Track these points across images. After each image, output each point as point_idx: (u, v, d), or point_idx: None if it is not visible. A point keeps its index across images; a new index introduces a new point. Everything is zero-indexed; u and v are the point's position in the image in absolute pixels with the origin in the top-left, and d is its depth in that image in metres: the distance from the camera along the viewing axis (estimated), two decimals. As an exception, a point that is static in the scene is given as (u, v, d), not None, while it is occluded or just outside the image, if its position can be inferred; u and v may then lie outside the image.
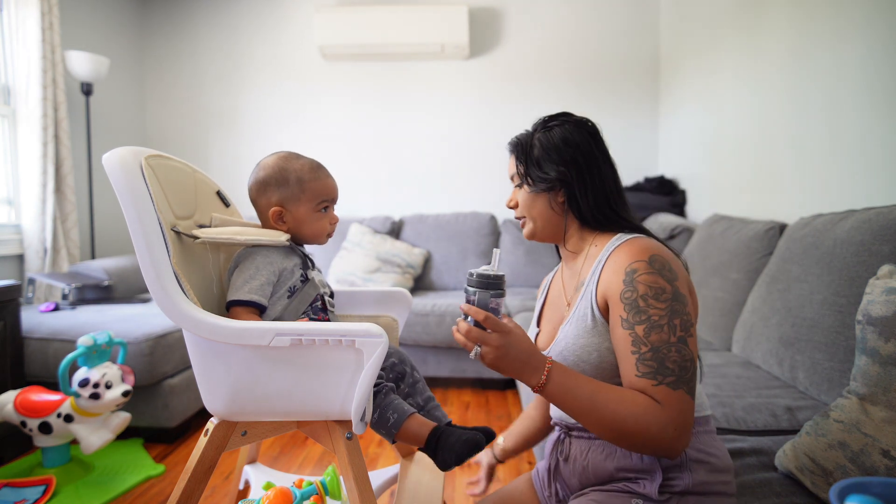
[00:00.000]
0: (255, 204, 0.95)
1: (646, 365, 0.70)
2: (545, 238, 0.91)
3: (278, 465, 1.79)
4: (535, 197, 0.88)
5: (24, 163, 2.42)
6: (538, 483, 0.97)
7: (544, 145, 0.86)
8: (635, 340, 0.71)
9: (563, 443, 0.89)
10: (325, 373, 0.79)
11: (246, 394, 0.80)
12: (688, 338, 0.71)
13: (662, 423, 0.68)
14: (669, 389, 0.69)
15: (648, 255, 0.74)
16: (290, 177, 0.92)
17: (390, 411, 0.86)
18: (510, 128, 3.23)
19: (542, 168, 0.85)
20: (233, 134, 3.38)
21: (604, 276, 0.78)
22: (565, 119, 0.88)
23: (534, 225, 0.89)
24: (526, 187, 0.88)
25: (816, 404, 1.19)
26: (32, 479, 1.55)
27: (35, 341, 1.87)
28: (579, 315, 0.81)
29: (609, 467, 0.79)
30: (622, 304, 0.73)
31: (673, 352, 0.70)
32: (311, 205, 0.93)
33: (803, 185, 1.82)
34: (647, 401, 0.69)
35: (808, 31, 1.77)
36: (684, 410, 0.69)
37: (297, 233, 0.94)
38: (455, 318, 2.39)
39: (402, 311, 1.11)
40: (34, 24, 2.37)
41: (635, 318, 0.72)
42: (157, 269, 0.74)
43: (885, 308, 0.82)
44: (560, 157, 0.85)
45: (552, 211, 0.87)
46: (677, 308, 0.71)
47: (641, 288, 0.72)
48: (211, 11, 3.33)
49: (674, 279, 0.73)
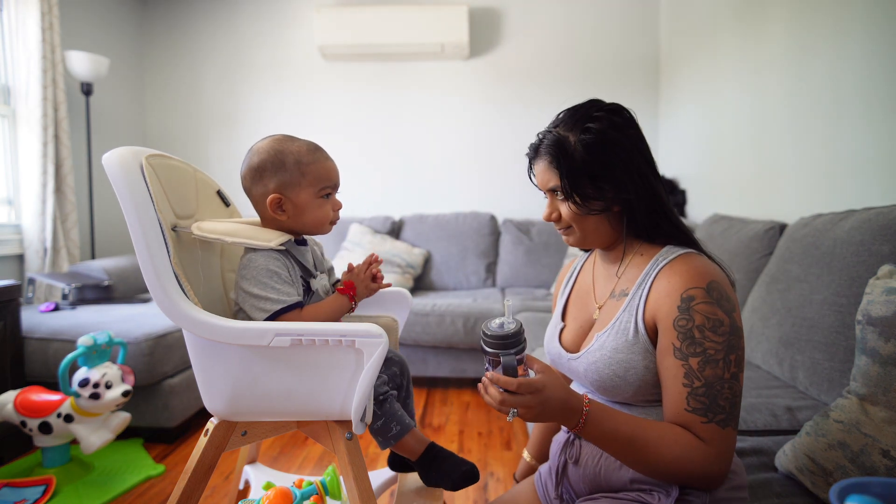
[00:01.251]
0: (249, 194, 0.87)
1: (698, 401, 0.68)
2: (592, 245, 0.85)
3: (278, 465, 1.79)
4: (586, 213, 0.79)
5: (24, 163, 2.42)
6: (540, 486, 0.94)
7: (592, 155, 0.75)
8: (688, 373, 0.68)
9: (572, 445, 0.85)
10: (325, 373, 0.78)
11: (246, 394, 0.80)
12: (740, 374, 0.69)
13: (707, 462, 0.67)
14: (718, 428, 0.67)
15: (707, 281, 0.70)
16: (288, 160, 0.83)
17: (394, 422, 0.87)
18: (510, 127, 3.26)
19: (596, 184, 0.76)
20: (233, 134, 3.38)
21: (654, 295, 0.73)
22: (599, 112, 0.77)
23: (583, 236, 0.82)
24: (573, 205, 0.78)
25: (816, 404, 1.19)
26: (32, 479, 1.55)
27: (35, 341, 1.87)
28: (620, 327, 0.76)
29: (624, 477, 0.76)
30: (675, 332, 0.69)
31: (726, 389, 0.67)
32: (313, 190, 0.84)
33: (803, 185, 1.82)
34: (689, 440, 0.67)
35: (808, 30, 1.77)
36: (729, 447, 0.68)
37: (298, 222, 0.86)
38: (454, 318, 2.39)
39: (402, 311, 1.11)
40: (34, 24, 2.37)
41: (690, 350, 0.68)
42: (156, 268, 0.74)
43: (885, 308, 0.81)
44: (614, 172, 0.75)
45: (608, 225, 0.80)
46: (734, 343, 0.68)
47: (698, 318, 0.68)
48: (211, 12, 3.33)
49: (732, 310, 0.69)
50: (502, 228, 3.10)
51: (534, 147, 0.83)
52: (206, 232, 0.82)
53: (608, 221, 0.80)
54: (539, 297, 2.61)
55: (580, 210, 0.78)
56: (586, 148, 0.76)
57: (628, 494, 0.75)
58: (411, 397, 1.02)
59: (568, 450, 0.86)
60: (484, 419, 2.17)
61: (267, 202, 0.84)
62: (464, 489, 1.62)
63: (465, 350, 2.46)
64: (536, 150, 0.83)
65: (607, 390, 0.78)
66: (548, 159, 0.79)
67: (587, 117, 0.77)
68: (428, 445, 0.90)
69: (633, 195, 0.76)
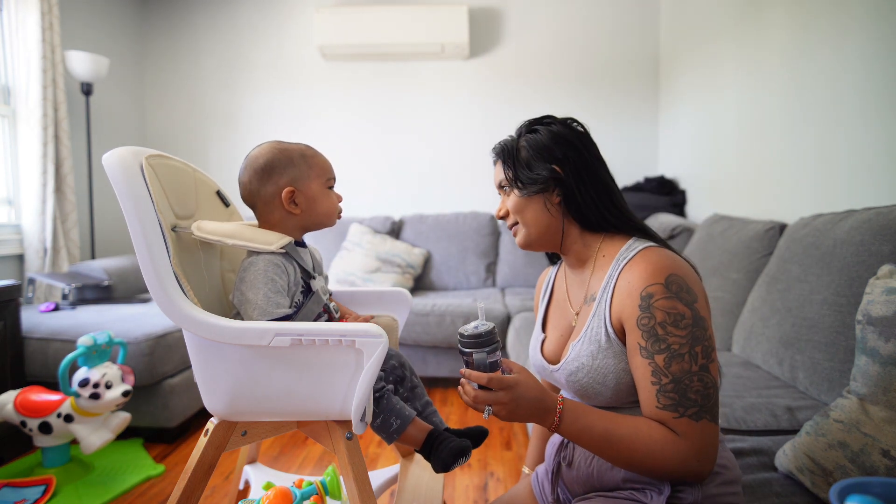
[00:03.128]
0: (255, 197, 0.89)
1: (667, 397, 0.68)
2: (542, 245, 0.86)
3: (278, 465, 1.79)
4: (526, 201, 0.82)
5: (24, 163, 2.42)
6: (537, 487, 0.94)
7: (532, 145, 0.82)
8: (655, 371, 0.69)
9: (566, 447, 0.86)
10: (325, 373, 0.78)
11: (246, 394, 0.80)
12: (709, 364, 0.69)
13: (682, 456, 0.67)
14: (692, 421, 0.67)
15: (665, 276, 0.70)
16: (294, 155, 0.89)
17: (393, 417, 0.86)
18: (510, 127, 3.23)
19: (533, 168, 0.81)
20: (233, 134, 3.38)
21: (617, 297, 0.74)
22: (550, 120, 0.84)
23: (527, 231, 0.84)
24: (516, 192, 0.83)
25: (816, 404, 1.19)
26: (32, 479, 1.55)
27: (35, 341, 1.87)
28: (592, 334, 0.77)
29: (616, 477, 0.77)
30: (640, 331, 0.70)
31: (695, 381, 0.68)
32: (321, 180, 0.90)
33: (803, 185, 1.82)
34: (664, 434, 0.68)
35: (808, 30, 1.77)
36: (707, 439, 0.68)
37: (311, 214, 0.89)
38: (454, 318, 2.39)
39: (402, 311, 1.11)
40: (34, 24, 2.37)
41: (654, 347, 0.69)
42: (157, 269, 0.74)
43: (885, 308, 0.82)
44: (551, 154, 0.80)
45: (548, 214, 0.82)
46: (698, 334, 0.68)
47: (659, 315, 0.69)
48: (211, 11, 3.33)
49: (693, 301, 0.69)
50: (502, 228, 3.10)
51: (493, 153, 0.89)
52: (206, 233, 0.82)
53: (548, 211, 0.82)
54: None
55: (519, 192, 0.82)
56: (529, 143, 0.82)
57: (622, 493, 0.76)
58: (419, 385, 1.00)
59: (561, 452, 0.87)
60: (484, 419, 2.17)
61: (282, 196, 0.87)
62: (464, 489, 1.62)
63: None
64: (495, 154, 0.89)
65: (590, 397, 0.79)
66: (499, 159, 0.86)
67: (538, 123, 0.84)
68: (428, 433, 0.89)
69: (572, 177, 0.79)
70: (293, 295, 0.86)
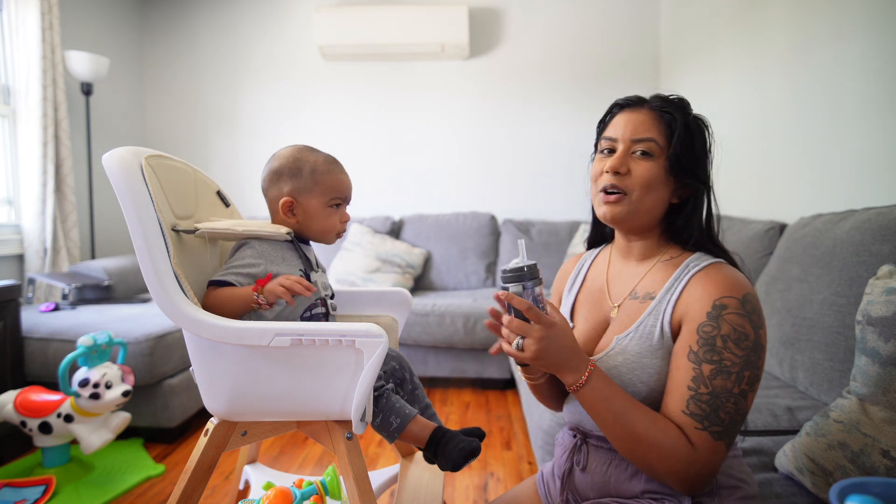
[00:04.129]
0: (266, 197, 0.93)
1: (698, 406, 0.66)
2: (629, 228, 0.78)
3: (278, 465, 1.79)
4: (661, 182, 0.74)
5: (24, 163, 2.42)
6: (542, 487, 0.92)
7: (699, 134, 0.75)
8: (697, 378, 0.67)
9: (579, 450, 0.83)
10: (325, 373, 0.78)
11: (246, 394, 0.80)
12: (750, 392, 0.67)
13: (685, 464, 0.66)
14: (711, 438, 0.66)
15: (742, 293, 0.68)
16: (304, 167, 0.89)
17: (393, 416, 0.86)
18: (510, 127, 3.26)
19: (695, 162, 0.74)
20: (233, 134, 3.38)
21: (685, 299, 0.71)
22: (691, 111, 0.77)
23: (634, 209, 0.75)
24: (663, 164, 0.73)
25: (816, 404, 1.19)
26: (32, 479, 1.55)
27: (35, 341, 1.87)
28: (644, 331, 0.74)
29: (635, 488, 0.75)
30: (697, 336, 0.68)
31: (730, 403, 0.66)
32: (324, 199, 0.90)
33: (803, 185, 1.82)
34: (678, 436, 0.66)
35: (808, 30, 1.77)
36: (715, 460, 0.66)
37: (306, 228, 0.91)
38: (454, 318, 2.39)
39: (402, 311, 1.11)
40: (34, 24, 2.37)
41: (706, 356, 0.67)
42: (156, 268, 0.74)
43: (885, 308, 0.82)
44: (705, 161, 0.75)
45: (661, 206, 0.76)
46: (752, 360, 0.67)
47: (725, 328, 0.66)
48: (211, 11, 3.33)
49: (759, 327, 0.68)
50: (502, 228, 3.10)
51: (637, 97, 0.79)
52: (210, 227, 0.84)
53: (661, 207, 0.76)
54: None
55: (667, 173, 0.73)
56: (696, 128, 0.75)
57: (639, 501, 0.74)
58: (419, 387, 1.00)
59: (575, 455, 0.83)
60: (484, 419, 2.17)
61: (280, 204, 0.89)
62: (464, 489, 1.62)
63: (465, 350, 2.46)
64: (642, 100, 0.78)
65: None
66: (658, 113, 0.75)
67: (688, 106, 0.77)
68: (432, 431, 0.88)
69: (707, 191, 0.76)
70: None
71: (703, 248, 0.77)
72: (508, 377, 2.48)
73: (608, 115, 0.82)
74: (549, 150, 3.23)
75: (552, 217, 3.20)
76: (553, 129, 3.21)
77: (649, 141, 0.74)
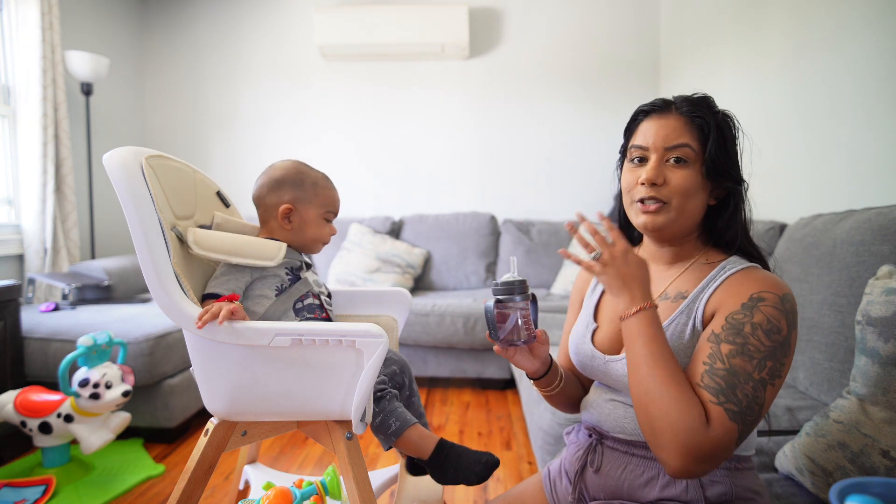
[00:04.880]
0: (261, 203, 0.97)
1: (713, 380, 0.62)
2: (671, 232, 0.76)
3: (278, 465, 1.79)
4: (699, 188, 0.72)
5: (24, 163, 2.42)
6: (548, 486, 0.89)
7: (730, 136, 0.74)
8: (713, 355, 0.64)
9: (594, 451, 0.80)
10: (325, 373, 0.79)
11: (246, 394, 0.81)
12: (770, 385, 0.63)
13: (694, 436, 0.60)
14: (725, 416, 0.60)
15: (783, 292, 0.66)
16: (306, 180, 0.97)
17: (392, 418, 0.87)
18: (510, 127, 3.26)
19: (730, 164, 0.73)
20: (233, 134, 3.38)
21: (720, 295, 0.69)
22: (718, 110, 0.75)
23: (676, 216, 0.73)
24: (699, 170, 0.72)
25: (816, 404, 1.19)
26: (32, 479, 1.55)
27: (35, 341, 1.87)
28: (676, 329, 0.72)
29: (649, 495, 0.73)
30: (724, 322, 0.66)
31: (749, 386, 0.62)
32: (321, 210, 0.97)
33: (803, 185, 1.82)
34: (696, 404, 0.62)
35: (808, 30, 1.77)
36: (724, 442, 0.60)
37: (299, 235, 0.97)
38: (454, 318, 2.38)
39: (401, 311, 1.11)
40: (34, 24, 2.37)
41: (728, 338, 0.64)
42: (157, 268, 0.74)
43: (885, 308, 0.82)
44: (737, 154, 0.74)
45: (701, 211, 0.75)
46: (778, 354, 0.64)
47: (758, 316, 0.64)
48: (211, 11, 3.33)
49: (793, 327, 0.65)
50: (502, 228, 3.10)
51: (664, 101, 0.76)
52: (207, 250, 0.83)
53: (701, 212, 0.75)
54: (539, 297, 2.61)
55: (705, 173, 0.72)
56: (726, 129, 0.73)
57: None
58: (416, 395, 1.02)
59: (590, 455, 0.81)
60: (484, 419, 2.17)
61: (279, 210, 0.95)
62: (464, 489, 1.62)
63: (465, 350, 2.46)
64: (669, 104, 0.75)
65: None
66: (688, 117, 0.73)
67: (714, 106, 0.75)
68: (438, 443, 0.89)
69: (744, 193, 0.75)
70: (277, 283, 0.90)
71: (741, 251, 0.76)
72: (508, 377, 2.48)
73: (633, 122, 0.80)
74: (550, 150, 3.23)
75: (552, 217, 3.20)
76: (553, 128, 3.21)
77: (683, 147, 0.72)
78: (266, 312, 0.88)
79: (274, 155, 3.32)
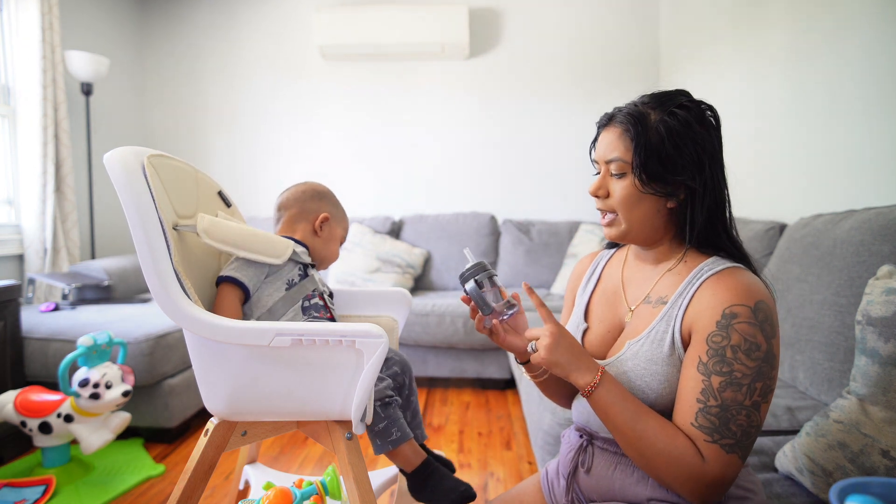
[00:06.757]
0: (297, 204, 1.05)
1: (707, 419, 0.64)
2: (634, 241, 0.78)
3: (278, 465, 1.79)
4: (640, 198, 0.72)
5: (24, 163, 2.42)
6: (546, 485, 0.90)
7: (671, 137, 0.70)
8: (706, 391, 0.65)
9: (584, 451, 0.82)
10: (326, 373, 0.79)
11: (246, 394, 0.80)
12: (763, 403, 0.65)
13: (695, 476, 0.64)
14: (722, 451, 0.64)
15: (754, 301, 0.65)
16: (339, 204, 1.11)
17: (395, 427, 0.89)
18: (510, 127, 3.26)
19: (668, 167, 0.70)
20: (233, 134, 3.37)
21: (695, 307, 0.69)
22: (689, 103, 0.73)
23: (627, 229, 0.75)
24: (635, 182, 0.72)
25: (816, 404, 1.19)
26: (32, 479, 1.55)
27: (35, 341, 1.87)
28: (656, 337, 0.72)
29: (641, 495, 0.74)
30: (707, 346, 0.66)
31: (742, 416, 0.64)
32: (342, 232, 1.10)
33: (803, 185, 1.82)
34: (687, 446, 0.65)
35: (808, 30, 1.77)
36: (727, 473, 0.64)
37: (324, 245, 1.05)
38: (454, 318, 2.39)
39: (401, 311, 1.11)
40: (34, 24, 2.37)
41: (716, 368, 0.65)
42: (158, 268, 0.74)
43: (885, 308, 0.82)
44: (691, 157, 0.70)
45: (657, 217, 0.74)
46: (764, 370, 0.64)
47: (735, 338, 0.64)
48: (211, 11, 3.33)
49: (772, 336, 0.65)
50: (502, 228, 3.10)
51: (608, 115, 0.77)
52: (217, 241, 0.85)
53: (658, 216, 0.74)
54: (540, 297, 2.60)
55: (641, 188, 0.71)
56: (668, 130, 0.70)
57: None
58: (415, 394, 1.04)
59: (580, 456, 0.82)
60: (484, 419, 2.17)
61: (319, 216, 1.05)
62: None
63: (465, 350, 2.46)
64: (611, 117, 0.76)
65: None
66: (622, 128, 0.73)
67: (675, 103, 0.72)
68: (425, 459, 0.92)
69: (700, 192, 0.72)
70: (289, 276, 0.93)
71: (721, 250, 0.75)
72: (508, 377, 2.48)
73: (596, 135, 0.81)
74: (550, 150, 3.23)
75: (552, 217, 3.20)
76: (553, 128, 3.21)
77: (616, 161, 0.73)
78: (273, 306, 0.89)
79: (274, 155, 3.33)
